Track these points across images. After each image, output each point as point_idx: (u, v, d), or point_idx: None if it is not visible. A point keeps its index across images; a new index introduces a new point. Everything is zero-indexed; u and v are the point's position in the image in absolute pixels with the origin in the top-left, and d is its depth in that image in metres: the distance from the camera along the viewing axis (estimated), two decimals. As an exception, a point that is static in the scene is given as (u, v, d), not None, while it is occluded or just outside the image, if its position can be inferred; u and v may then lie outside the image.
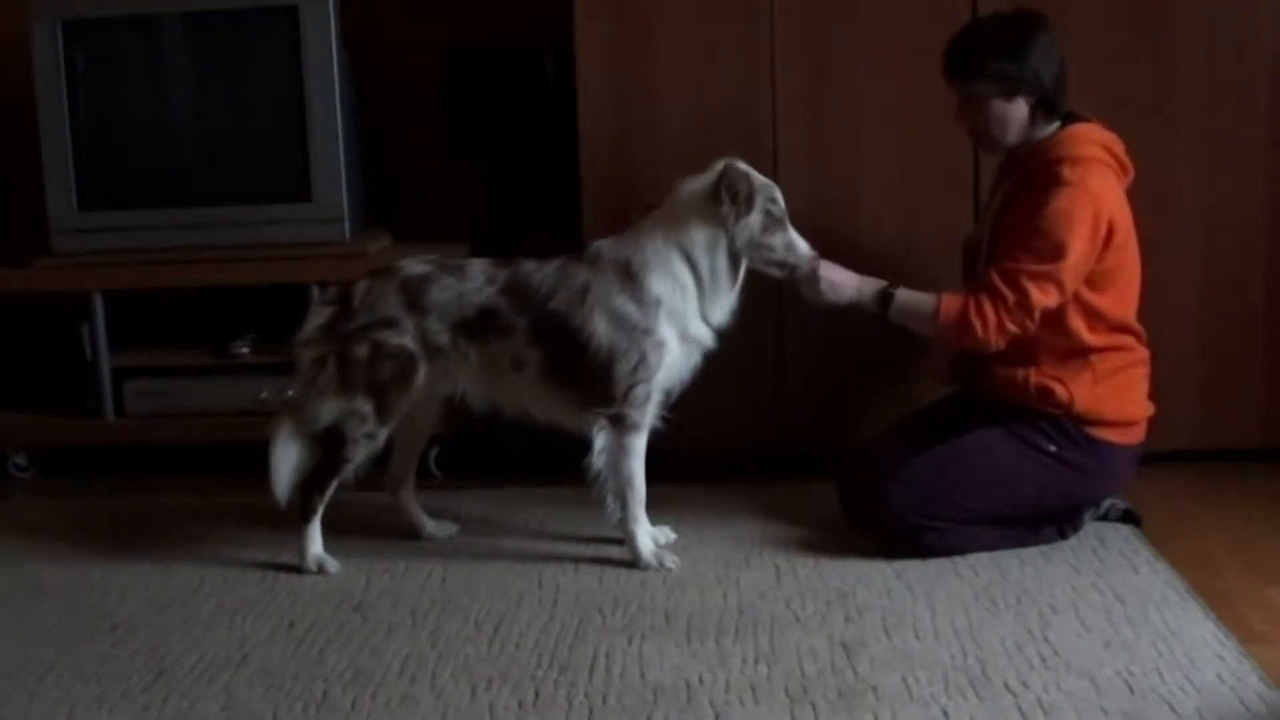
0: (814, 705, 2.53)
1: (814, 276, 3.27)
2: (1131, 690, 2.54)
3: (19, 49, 4.21)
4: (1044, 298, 3.12)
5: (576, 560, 3.33)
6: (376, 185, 4.39)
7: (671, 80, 3.85)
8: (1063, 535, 3.30)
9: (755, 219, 3.20)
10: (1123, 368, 3.25)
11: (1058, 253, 3.10)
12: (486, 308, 3.26)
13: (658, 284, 3.21)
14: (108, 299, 4.18)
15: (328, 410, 3.28)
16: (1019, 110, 3.23)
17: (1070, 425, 3.21)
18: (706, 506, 3.63)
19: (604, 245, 3.30)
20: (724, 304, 3.27)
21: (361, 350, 3.26)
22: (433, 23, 4.45)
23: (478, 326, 3.26)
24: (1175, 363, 3.80)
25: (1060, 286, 3.12)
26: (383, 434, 3.32)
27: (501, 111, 4.25)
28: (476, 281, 3.28)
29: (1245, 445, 3.88)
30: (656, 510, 3.46)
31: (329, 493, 3.33)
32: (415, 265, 3.34)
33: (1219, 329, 3.83)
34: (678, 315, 3.22)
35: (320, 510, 3.33)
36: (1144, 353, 3.32)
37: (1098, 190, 3.14)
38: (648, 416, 3.25)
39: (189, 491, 4.05)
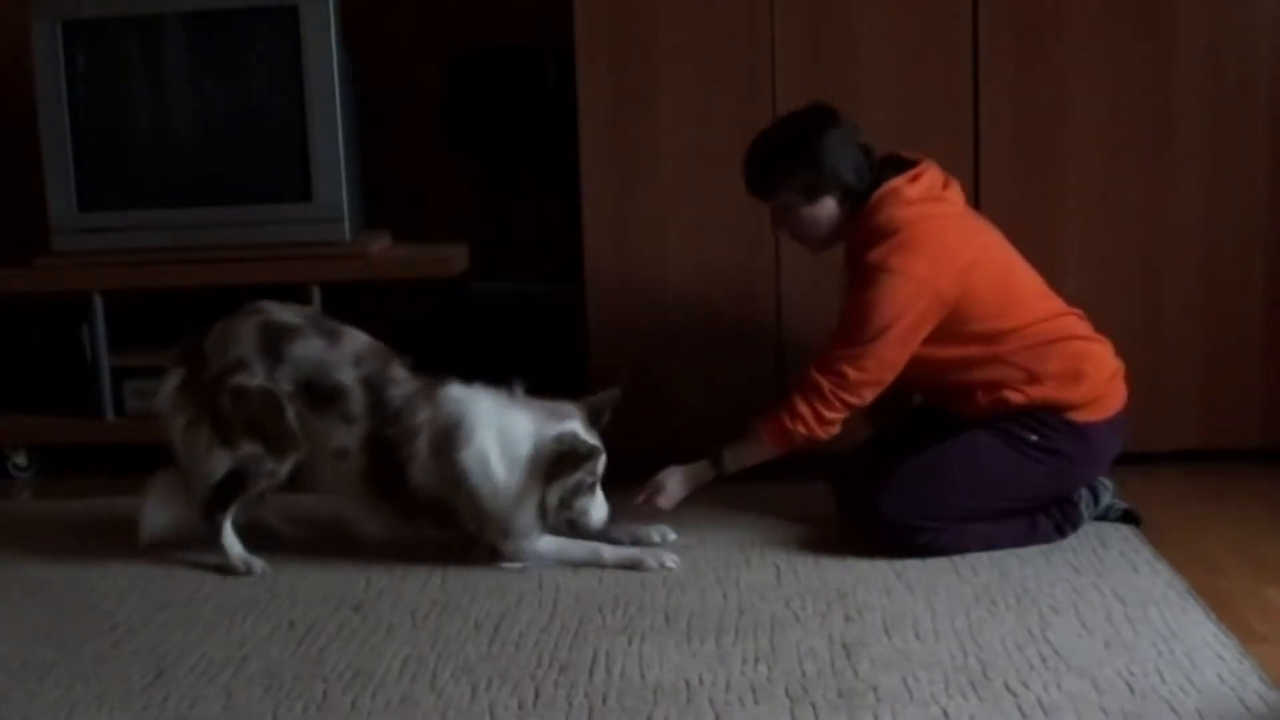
0: (814, 705, 2.52)
1: (655, 500, 3.35)
2: (1131, 690, 2.54)
3: (19, 49, 4.21)
4: (863, 374, 3.16)
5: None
6: (376, 185, 4.39)
7: (672, 80, 3.85)
8: (1061, 533, 3.31)
9: (569, 484, 3.18)
10: (1066, 354, 3.24)
11: (870, 334, 3.13)
12: (340, 387, 3.24)
13: (472, 462, 3.17)
14: (108, 299, 4.19)
15: (219, 465, 3.29)
16: (826, 209, 3.26)
17: (1045, 414, 3.21)
18: (706, 506, 3.62)
19: (453, 395, 3.24)
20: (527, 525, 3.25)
21: (225, 401, 3.26)
22: (433, 23, 4.45)
23: (323, 398, 3.24)
24: (1175, 362, 3.81)
25: (879, 359, 3.16)
26: (284, 467, 3.30)
27: (501, 111, 4.25)
28: (346, 357, 3.26)
29: (1245, 445, 3.87)
30: (657, 511, 3.46)
31: (233, 509, 3.32)
32: (285, 313, 3.33)
33: (1219, 329, 3.82)
34: (495, 488, 3.18)
35: (228, 522, 3.32)
36: (1080, 326, 3.30)
37: (922, 269, 3.13)
38: (519, 535, 3.24)
39: (189, 491, 4.04)
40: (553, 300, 4.23)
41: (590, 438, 3.22)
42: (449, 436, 3.20)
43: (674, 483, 3.37)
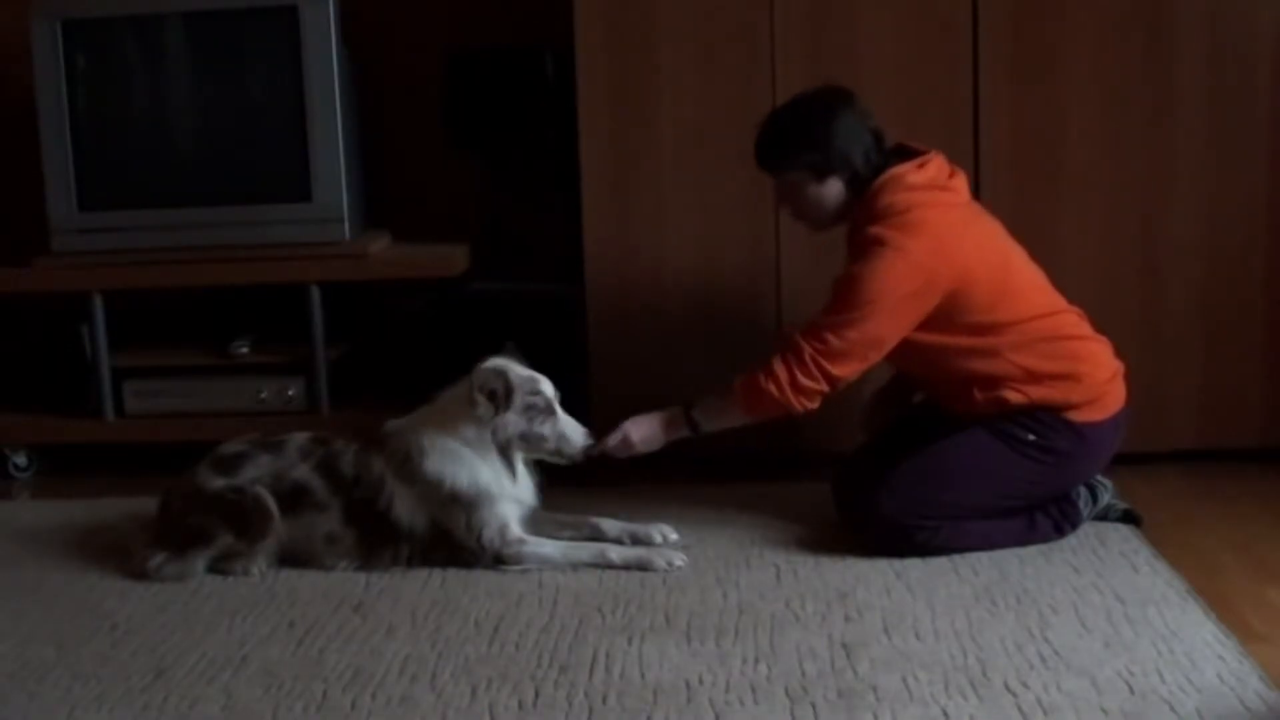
0: (814, 705, 2.53)
1: (625, 445, 3.32)
2: (1131, 690, 2.54)
3: (19, 49, 4.21)
4: (845, 343, 3.13)
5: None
6: (376, 185, 4.39)
7: (671, 79, 3.85)
8: (1060, 532, 3.31)
9: (514, 416, 3.23)
10: (1064, 354, 3.24)
11: (858, 303, 3.12)
12: (300, 483, 3.30)
13: (436, 466, 3.24)
14: (108, 299, 4.19)
15: (199, 561, 3.30)
16: (832, 190, 3.26)
17: (1044, 414, 3.21)
18: (706, 506, 3.63)
19: (395, 426, 3.33)
20: (521, 484, 3.32)
21: (197, 518, 3.30)
22: (433, 23, 4.45)
23: (291, 500, 3.29)
24: (1175, 363, 3.81)
25: (864, 332, 3.12)
26: (259, 556, 3.30)
27: (501, 111, 4.25)
28: (292, 458, 3.34)
29: (1245, 445, 3.87)
30: (657, 510, 3.48)
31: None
32: (229, 445, 3.41)
33: (1219, 329, 3.82)
34: (468, 472, 3.24)
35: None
36: (1081, 326, 3.30)
37: (920, 251, 3.12)
38: (513, 539, 3.26)
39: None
40: (553, 300, 4.23)
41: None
42: (409, 460, 3.26)
43: (637, 430, 3.33)
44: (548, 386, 3.28)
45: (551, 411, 3.27)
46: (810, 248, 3.85)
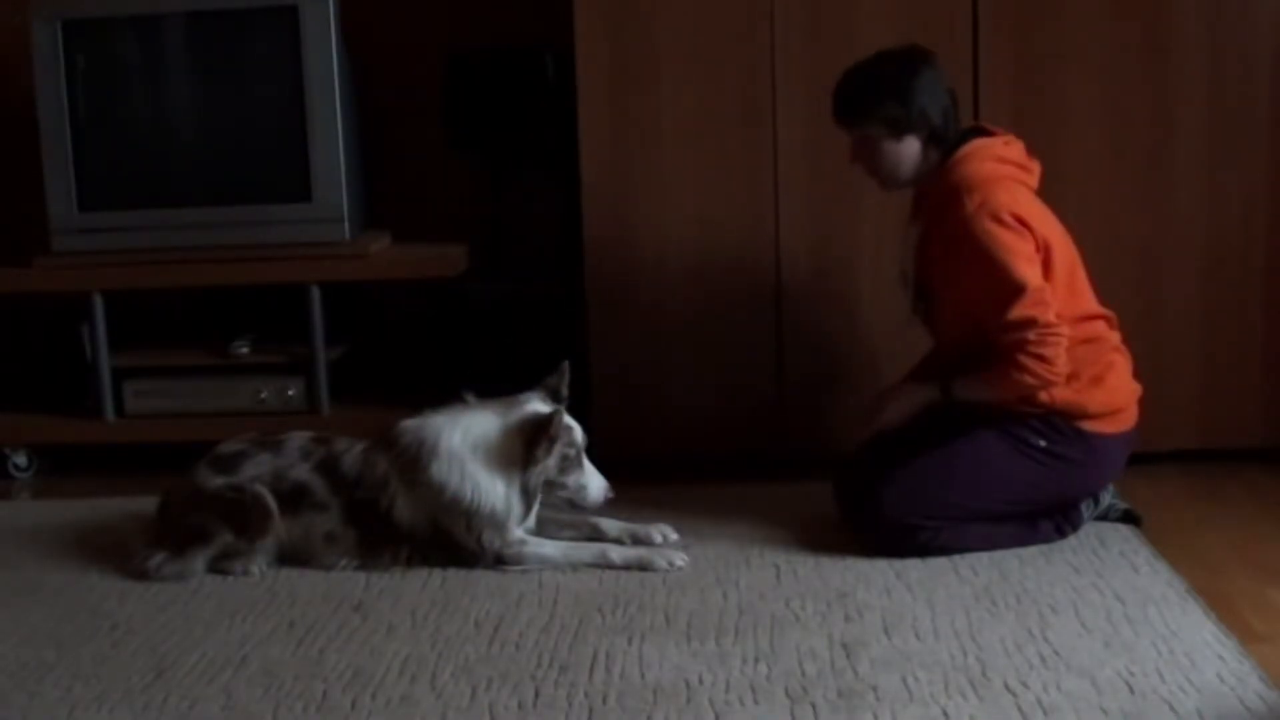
0: (814, 705, 2.52)
1: (883, 424, 3.31)
2: (1131, 690, 2.54)
3: (19, 49, 4.21)
4: (1045, 309, 3.12)
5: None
6: (376, 185, 4.39)
7: (671, 80, 3.84)
8: (1061, 534, 3.30)
9: (552, 462, 3.23)
10: (1094, 359, 3.24)
11: (1019, 282, 3.11)
12: (300, 483, 3.30)
13: (443, 473, 3.22)
14: (108, 299, 4.19)
15: (199, 560, 3.30)
16: (910, 148, 3.25)
17: (1058, 420, 3.21)
18: (706, 506, 3.62)
19: (407, 426, 3.31)
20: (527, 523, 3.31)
21: (196, 516, 3.30)
22: (433, 23, 4.45)
23: (291, 499, 3.29)
24: (1175, 363, 3.80)
25: (1042, 287, 3.13)
26: (258, 555, 3.30)
27: (501, 112, 4.25)
28: (292, 457, 3.33)
29: (1245, 445, 3.87)
30: (657, 510, 3.48)
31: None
32: (228, 444, 3.41)
33: (1219, 329, 3.83)
34: (474, 489, 3.22)
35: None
36: (1114, 338, 3.32)
37: (1014, 203, 3.16)
38: (514, 540, 3.26)
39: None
40: (552, 300, 4.23)
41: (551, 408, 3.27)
42: (416, 461, 3.24)
43: (899, 414, 3.31)
44: (579, 436, 3.28)
45: (579, 464, 3.28)
46: (812, 251, 3.86)
